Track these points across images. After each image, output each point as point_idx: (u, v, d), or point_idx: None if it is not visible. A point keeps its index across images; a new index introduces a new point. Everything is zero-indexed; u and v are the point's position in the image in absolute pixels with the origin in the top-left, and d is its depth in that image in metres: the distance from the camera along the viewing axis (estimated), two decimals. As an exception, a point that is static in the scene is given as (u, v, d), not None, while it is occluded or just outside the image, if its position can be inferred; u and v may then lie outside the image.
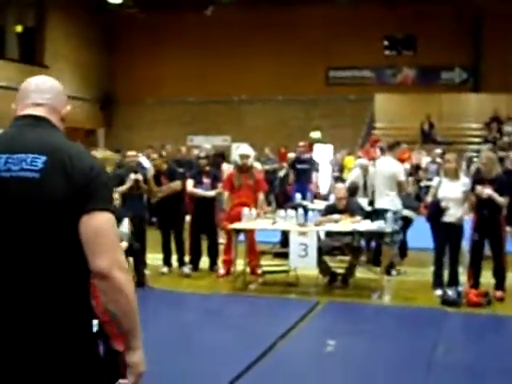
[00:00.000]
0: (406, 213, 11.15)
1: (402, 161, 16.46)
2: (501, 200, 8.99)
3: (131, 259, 9.28)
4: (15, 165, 2.52)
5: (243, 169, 10.91)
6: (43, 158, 2.51)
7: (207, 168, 11.54)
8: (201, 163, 11.67)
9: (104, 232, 2.49)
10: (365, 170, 12.93)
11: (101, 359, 2.68)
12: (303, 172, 17.38)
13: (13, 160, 2.53)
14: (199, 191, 11.22)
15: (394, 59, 29.42)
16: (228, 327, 7.73)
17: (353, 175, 13.56)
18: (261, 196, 11.03)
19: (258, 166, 16.31)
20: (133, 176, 10.34)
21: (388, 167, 10.86)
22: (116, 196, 9.25)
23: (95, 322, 2.64)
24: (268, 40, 28.99)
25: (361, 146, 23.88)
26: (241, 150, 11.33)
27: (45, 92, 2.73)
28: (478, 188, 9.05)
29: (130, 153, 11.14)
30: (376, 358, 6.81)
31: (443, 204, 9.19)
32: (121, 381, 2.66)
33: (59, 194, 2.47)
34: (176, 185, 11.03)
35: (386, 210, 10.27)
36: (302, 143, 18.65)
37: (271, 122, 29.23)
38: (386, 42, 29.41)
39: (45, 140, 2.58)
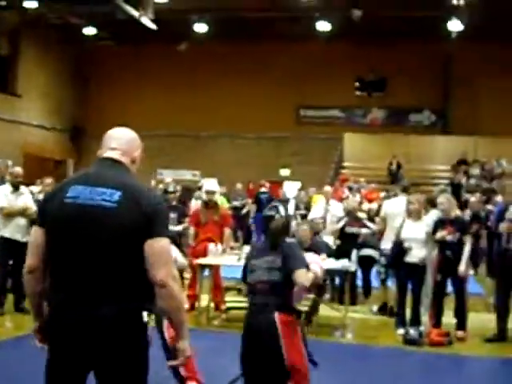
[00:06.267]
0: (370, 252, 11.26)
1: (370, 200, 16.64)
2: (466, 251, 9.18)
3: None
4: (97, 195, 3.35)
5: (209, 204, 10.94)
6: (119, 193, 3.35)
7: (174, 203, 11.56)
8: (169, 198, 11.60)
9: (163, 252, 3.33)
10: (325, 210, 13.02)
11: (145, 324, 3.42)
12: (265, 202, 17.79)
13: (95, 192, 3.36)
14: None
15: (364, 100, 29.74)
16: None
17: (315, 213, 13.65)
18: (227, 231, 11.05)
19: (223, 201, 16.37)
20: None
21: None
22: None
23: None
24: (239, 76, 29.17)
25: (329, 184, 23.99)
26: (207, 185, 11.36)
27: (118, 139, 3.60)
28: (438, 235, 9.24)
29: None
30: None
31: (406, 244, 9.30)
32: (170, 362, 3.63)
33: (131, 221, 3.30)
34: None
35: None
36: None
37: (241, 158, 29.27)
38: (357, 84, 29.75)
39: (119, 179, 3.43)
